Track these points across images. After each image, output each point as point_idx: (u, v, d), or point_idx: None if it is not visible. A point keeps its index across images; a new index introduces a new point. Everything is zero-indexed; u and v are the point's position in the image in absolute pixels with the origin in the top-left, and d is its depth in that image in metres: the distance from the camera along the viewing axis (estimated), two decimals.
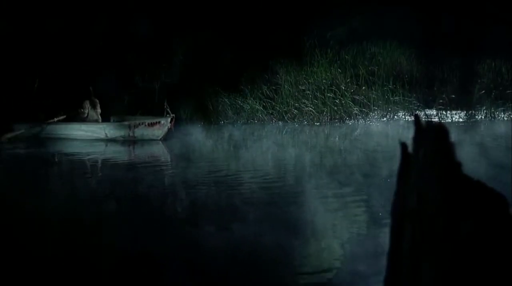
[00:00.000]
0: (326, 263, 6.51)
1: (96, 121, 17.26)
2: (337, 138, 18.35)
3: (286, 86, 21.93)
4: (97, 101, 17.49)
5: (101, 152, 15.47)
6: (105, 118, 17.59)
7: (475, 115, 22.44)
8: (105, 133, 16.72)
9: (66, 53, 21.14)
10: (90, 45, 21.66)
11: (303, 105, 21.66)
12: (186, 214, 8.39)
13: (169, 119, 16.74)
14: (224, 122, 21.05)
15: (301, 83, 22.06)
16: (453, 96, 22.67)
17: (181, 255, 6.62)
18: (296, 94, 21.84)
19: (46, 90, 20.56)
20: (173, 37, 22.88)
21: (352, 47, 23.65)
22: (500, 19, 23.57)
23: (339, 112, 21.74)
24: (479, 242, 2.20)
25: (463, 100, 22.65)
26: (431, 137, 2.31)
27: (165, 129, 16.64)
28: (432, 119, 19.99)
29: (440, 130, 2.30)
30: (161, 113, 17.50)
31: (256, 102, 21.61)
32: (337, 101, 21.82)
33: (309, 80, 22.13)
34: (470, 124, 20.90)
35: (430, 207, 2.26)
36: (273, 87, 21.98)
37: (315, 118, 21.54)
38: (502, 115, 22.40)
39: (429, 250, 2.24)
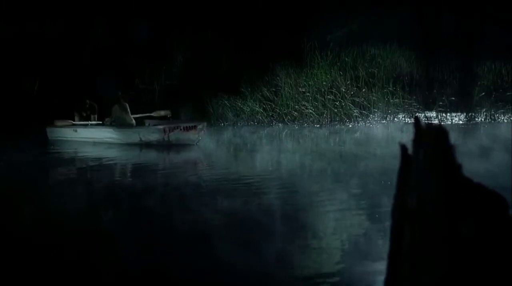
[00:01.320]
0: (327, 264, 6.52)
1: (131, 125, 16.84)
2: (337, 140, 18.34)
3: (286, 88, 21.93)
4: (127, 105, 17.08)
5: (134, 156, 14.94)
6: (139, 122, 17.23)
7: (475, 117, 22.43)
8: (140, 138, 16.19)
9: (66, 55, 21.15)
10: (90, 47, 21.67)
11: (303, 108, 21.66)
12: (208, 227, 8.12)
13: (205, 124, 16.45)
14: (224, 124, 21.04)
15: (301, 85, 22.07)
16: (453, 98, 22.67)
17: (195, 268, 6.62)
18: (296, 96, 21.84)
19: (46, 92, 20.57)
20: (172, 39, 22.89)
21: (352, 49, 23.66)
22: (500, 20, 23.57)
23: (339, 115, 21.74)
24: (479, 243, 2.21)
25: (463, 103, 22.65)
26: (431, 139, 2.31)
27: (201, 133, 16.14)
28: (432, 122, 20.00)
29: (440, 132, 2.30)
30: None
31: (256, 104, 21.61)
32: (337, 103, 21.82)
33: (309, 82, 22.14)
34: (470, 127, 20.91)
35: (429, 208, 2.27)
36: (273, 89, 21.98)
37: (315, 121, 21.54)
38: (502, 118, 22.40)
39: (428, 251, 2.25)
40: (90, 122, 17.21)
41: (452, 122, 21.85)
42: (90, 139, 16.69)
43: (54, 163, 14.24)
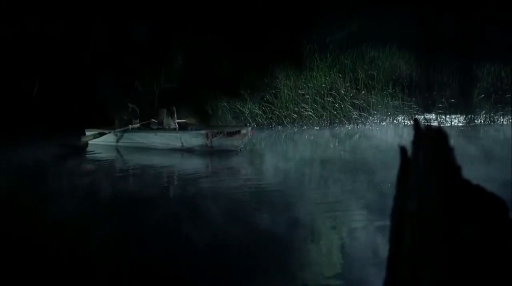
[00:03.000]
0: (327, 267, 6.51)
1: (174, 130, 16.30)
2: (337, 143, 18.33)
3: (285, 91, 21.94)
4: (175, 109, 16.67)
5: (175, 162, 14.44)
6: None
7: (474, 119, 22.46)
8: (181, 143, 15.64)
9: (66, 57, 21.14)
10: (90, 50, 21.66)
11: (302, 110, 21.67)
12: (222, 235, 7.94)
13: (249, 129, 15.95)
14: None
15: (300, 87, 22.08)
16: (453, 100, 22.69)
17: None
18: (296, 98, 21.85)
19: (45, 94, 20.56)
20: (172, 42, 22.90)
21: (351, 51, 23.68)
22: (500, 20, 23.54)
23: (338, 117, 21.75)
24: (479, 246, 2.21)
25: (462, 105, 22.67)
26: (431, 141, 2.31)
27: (245, 139, 15.56)
28: (432, 124, 19.94)
29: (440, 134, 2.30)
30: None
31: (256, 106, 21.61)
32: (336, 105, 21.83)
33: (309, 85, 22.15)
34: (469, 129, 20.91)
35: (429, 210, 2.26)
36: (273, 92, 21.99)
37: (315, 123, 21.54)
38: (502, 120, 22.42)
39: (428, 253, 2.25)
40: (130, 126, 16.66)
41: (451, 124, 21.86)
42: (131, 144, 16.24)
43: (91, 168, 13.90)
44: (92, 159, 15.19)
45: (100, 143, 16.40)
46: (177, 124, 16.56)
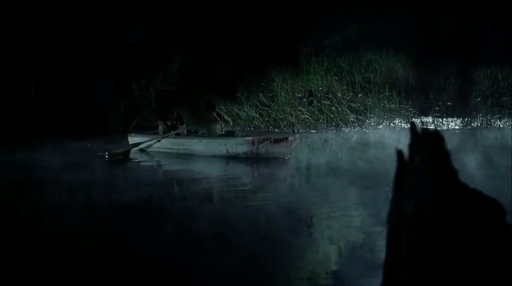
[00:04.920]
0: (325, 269, 6.51)
1: (220, 136, 15.87)
2: (334, 145, 18.32)
3: (282, 94, 21.94)
4: (222, 114, 16.39)
5: (219, 170, 13.96)
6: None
7: (471, 122, 22.47)
8: (226, 149, 15.17)
9: (63, 60, 21.11)
10: (88, 52, 21.64)
11: (299, 113, 21.67)
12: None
13: (297, 135, 15.58)
14: None
15: (297, 90, 22.08)
16: (449, 103, 22.71)
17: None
18: (292, 101, 21.86)
19: (43, 97, 20.53)
20: (169, 45, 22.90)
21: (348, 54, 23.70)
22: (500, 20, 23.52)
23: (335, 120, 21.75)
24: (478, 249, 2.21)
25: (459, 108, 22.69)
26: (427, 144, 2.31)
27: (293, 146, 15.03)
28: (428, 127, 19.92)
29: (436, 137, 2.30)
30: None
31: (253, 109, 21.61)
32: (333, 108, 21.84)
33: (306, 88, 22.16)
34: (466, 132, 20.93)
35: (426, 213, 2.26)
36: (269, 95, 22.00)
37: (312, 126, 21.54)
38: (498, 123, 22.44)
39: (426, 256, 2.24)
40: (173, 132, 16.24)
41: (448, 128, 21.88)
42: (175, 150, 15.82)
43: (133, 175, 13.54)
44: (134, 166, 14.92)
45: (144, 149, 16.17)
46: (223, 130, 16.12)
